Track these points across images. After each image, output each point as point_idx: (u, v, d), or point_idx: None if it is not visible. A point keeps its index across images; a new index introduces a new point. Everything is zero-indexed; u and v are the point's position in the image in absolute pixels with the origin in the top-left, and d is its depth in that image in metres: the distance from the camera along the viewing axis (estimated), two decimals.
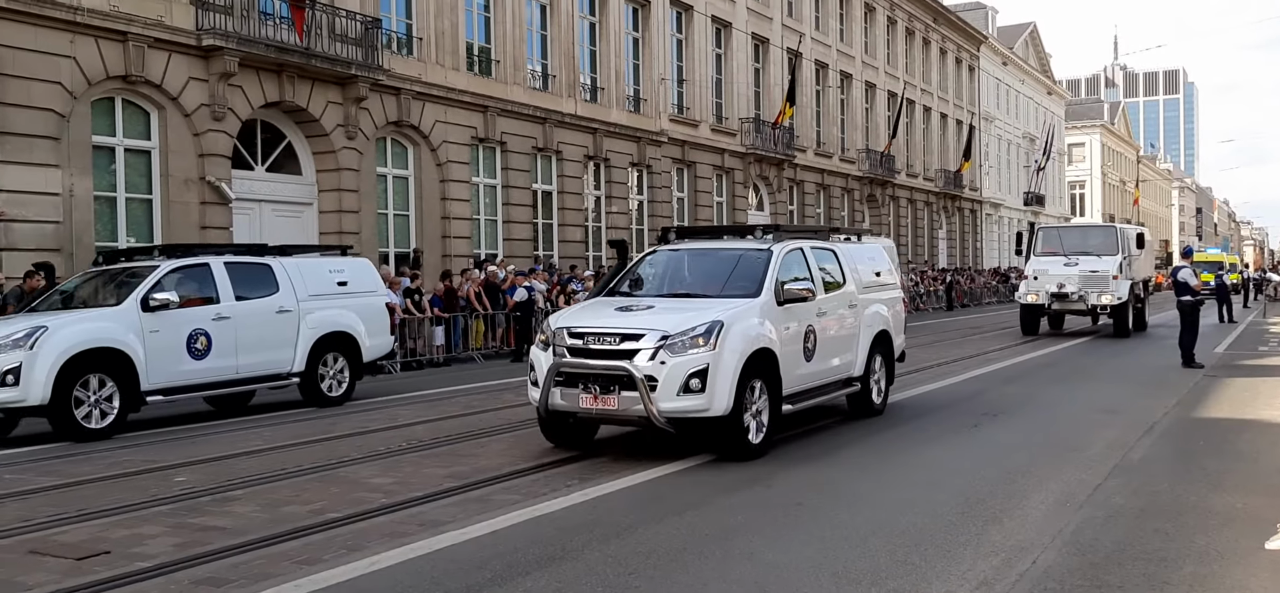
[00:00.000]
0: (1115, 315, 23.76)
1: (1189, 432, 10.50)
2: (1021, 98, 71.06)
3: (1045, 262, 24.30)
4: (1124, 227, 26.27)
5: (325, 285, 14.26)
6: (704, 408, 8.60)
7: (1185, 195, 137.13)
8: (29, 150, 16.98)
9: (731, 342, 8.74)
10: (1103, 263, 23.59)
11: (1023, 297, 24.45)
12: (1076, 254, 23.96)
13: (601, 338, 8.86)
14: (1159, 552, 6.05)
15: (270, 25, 20.58)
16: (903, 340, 12.86)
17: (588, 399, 8.74)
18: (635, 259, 11.39)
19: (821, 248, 11.30)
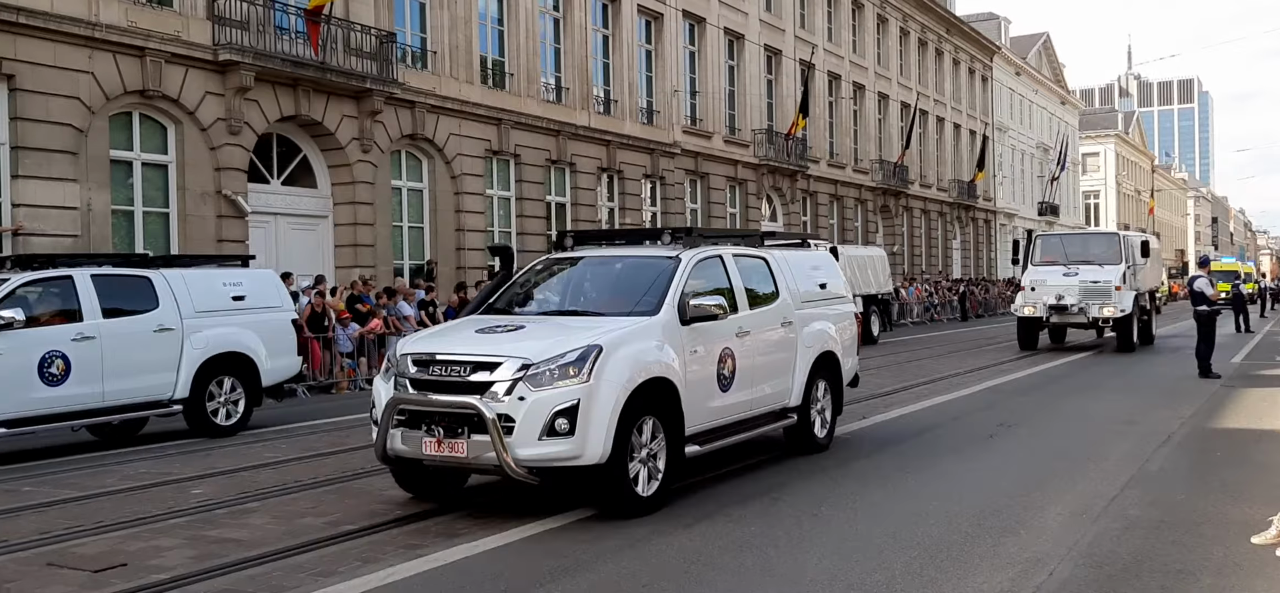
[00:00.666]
0: (1119, 329, 22.22)
1: (1206, 443, 10.43)
2: (1035, 108, 70.87)
3: (1043, 271, 22.83)
4: (1127, 233, 24.86)
5: (217, 301, 12.65)
6: (573, 455, 7.00)
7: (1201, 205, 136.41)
8: (47, 165, 17.11)
9: (612, 371, 7.20)
10: (1104, 273, 22.01)
11: (1019, 309, 23.12)
12: (1077, 263, 22.62)
13: (450, 368, 7.31)
14: (1176, 564, 6.02)
15: (286, 40, 20.70)
16: (854, 363, 11.16)
17: (432, 444, 7.15)
18: (522, 270, 9.66)
19: (748, 255, 9.77)
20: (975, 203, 57.45)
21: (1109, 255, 22.65)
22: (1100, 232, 26.85)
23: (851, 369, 11.05)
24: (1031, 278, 22.91)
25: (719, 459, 9.38)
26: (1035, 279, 22.70)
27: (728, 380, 8.57)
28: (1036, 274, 22.85)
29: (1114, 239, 23.76)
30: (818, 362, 10.05)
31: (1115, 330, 22.31)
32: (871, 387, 15.94)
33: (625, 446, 7.27)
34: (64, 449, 11.66)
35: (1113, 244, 23.24)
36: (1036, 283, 22.59)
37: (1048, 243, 24.50)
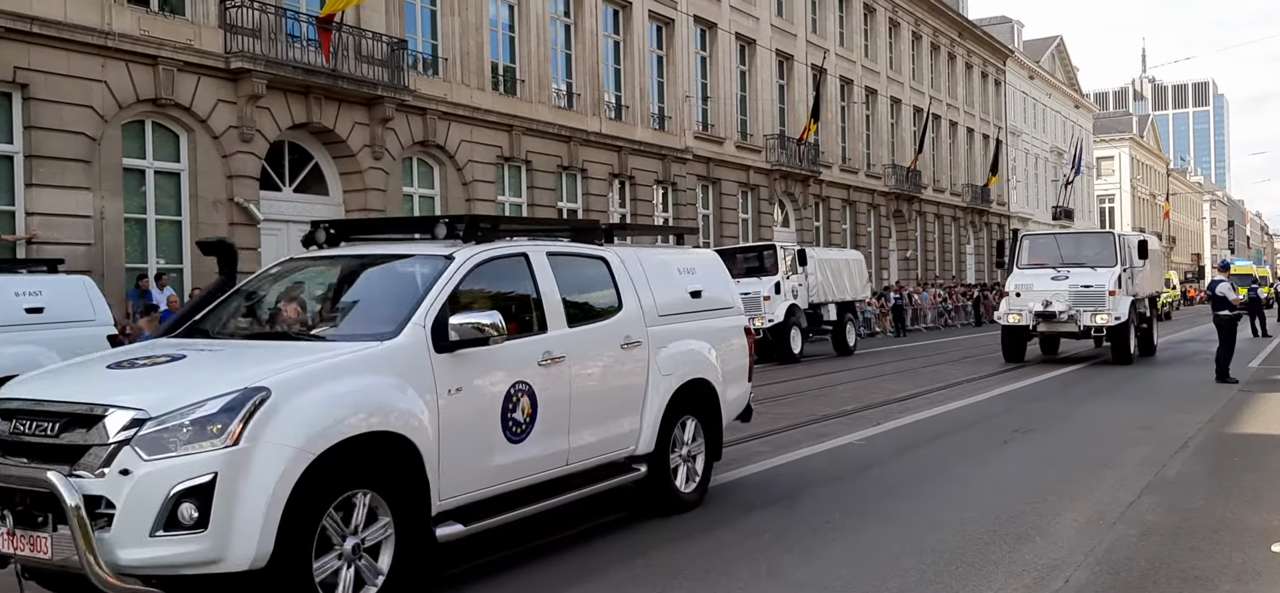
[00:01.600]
0: (1113, 338, 20.20)
1: (1224, 448, 10.34)
2: (1049, 112, 70.65)
3: (1030, 275, 20.90)
4: (1124, 233, 22.94)
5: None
6: (207, 558, 4.70)
7: (1217, 208, 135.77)
8: (61, 174, 17.18)
9: (281, 428, 4.88)
10: (1098, 276, 20.08)
11: (1003, 317, 21.12)
12: (1067, 266, 20.66)
13: (35, 422, 5.02)
14: (1194, 570, 5.95)
15: (297, 48, 20.76)
16: (744, 392, 8.70)
17: (3, 537, 4.90)
18: (256, 274, 7.37)
19: (572, 255, 7.29)
20: (989, 207, 57.27)
21: (1103, 257, 20.68)
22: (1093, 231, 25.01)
23: (739, 400, 8.61)
24: (1017, 282, 21.03)
25: (734, 462, 9.32)
26: (1021, 283, 20.84)
27: (523, 427, 6.24)
28: (1023, 278, 21.01)
29: (1108, 239, 21.72)
30: (682, 393, 7.65)
31: (1110, 341, 20.35)
32: (886, 391, 15.89)
33: (306, 541, 4.94)
34: None
35: (1107, 245, 21.21)
36: (1022, 287, 20.73)
37: (1036, 244, 22.44)
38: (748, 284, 21.73)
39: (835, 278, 26.33)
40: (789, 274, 23.72)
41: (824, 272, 25.71)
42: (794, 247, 24.92)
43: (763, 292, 22.72)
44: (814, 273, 24.90)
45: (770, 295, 22.92)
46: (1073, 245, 22.07)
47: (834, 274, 26.38)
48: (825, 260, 26.63)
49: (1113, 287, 19.91)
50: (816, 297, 25.13)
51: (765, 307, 22.63)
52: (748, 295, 21.12)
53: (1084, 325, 20.02)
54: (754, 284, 22.53)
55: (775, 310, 22.94)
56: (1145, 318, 22.41)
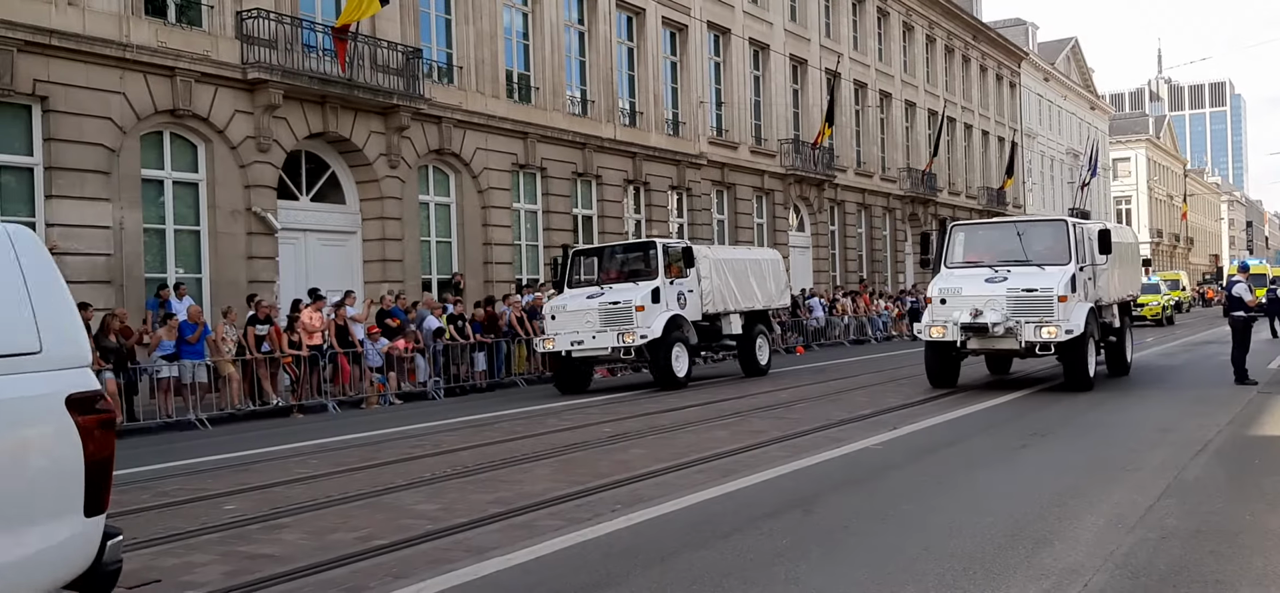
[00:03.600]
0: (1065, 357, 15.69)
1: (1244, 451, 10.28)
2: (1064, 113, 70.38)
3: (960, 276, 16.40)
4: (1080, 222, 17.66)
5: None
6: None
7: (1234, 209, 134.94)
8: (80, 185, 17.33)
9: None
10: (1045, 277, 15.54)
11: (924, 331, 16.19)
12: (1007, 264, 16.11)
13: None
14: (1214, 574, 5.92)
15: (314, 58, 20.90)
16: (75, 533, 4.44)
17: None
18: None
19: None
20: (1005, 210, 57.05)
21: (1052, 252, 16.16)
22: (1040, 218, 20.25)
23: None
24: (942, 285, 16.30)
25: (749, 468, 9.35)
26: (947, 287, 16.18)
27: None
28: (950, 280, 16.39)
29: (1059, 230, 16.64)
30: None
31: (1060, 359, 15.97)
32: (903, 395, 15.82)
33: None
34: None
35: (1058, 236, 16.42)
36: (948, 292, 16.02)
37: (970, 236, 17.71)
38: (618, 291, 19.11)
39: (740, 282, 21.78)
40: (672, 278, 19.50)
41: (723, 274, 21.22)
42: (680, 244, 20.97)
43: (634, 301, 18.71)
44: (709, 276, 20.61)
45: (645, 305, 18.66)
46: (1015, 237, 17.05)
47: (738, 277, 21.77)
48: (725, 261, 21.91)
49: (1063, 290, 15.29)
50: (714, 305, 20.71)
51: (638, 319, 18.54)
52: (614, 306, 18.74)
53: (1026, 341, 15.29)
54: (625, 292, 19.06)
55: (651, 324, 18.61)
56: (1113, 329, 17.94)
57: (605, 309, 18.88)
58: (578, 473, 9.77)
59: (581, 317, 18.98)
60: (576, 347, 18.87)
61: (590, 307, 18.98)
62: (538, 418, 15.03)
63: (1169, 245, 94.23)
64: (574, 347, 18.87)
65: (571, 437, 12.61)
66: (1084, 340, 15.50)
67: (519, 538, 7.21)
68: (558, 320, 19.24)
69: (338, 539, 7.43)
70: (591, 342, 18.82)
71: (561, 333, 19.02)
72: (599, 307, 18.92)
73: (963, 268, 16.67)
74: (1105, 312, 17.46)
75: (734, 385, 19.54)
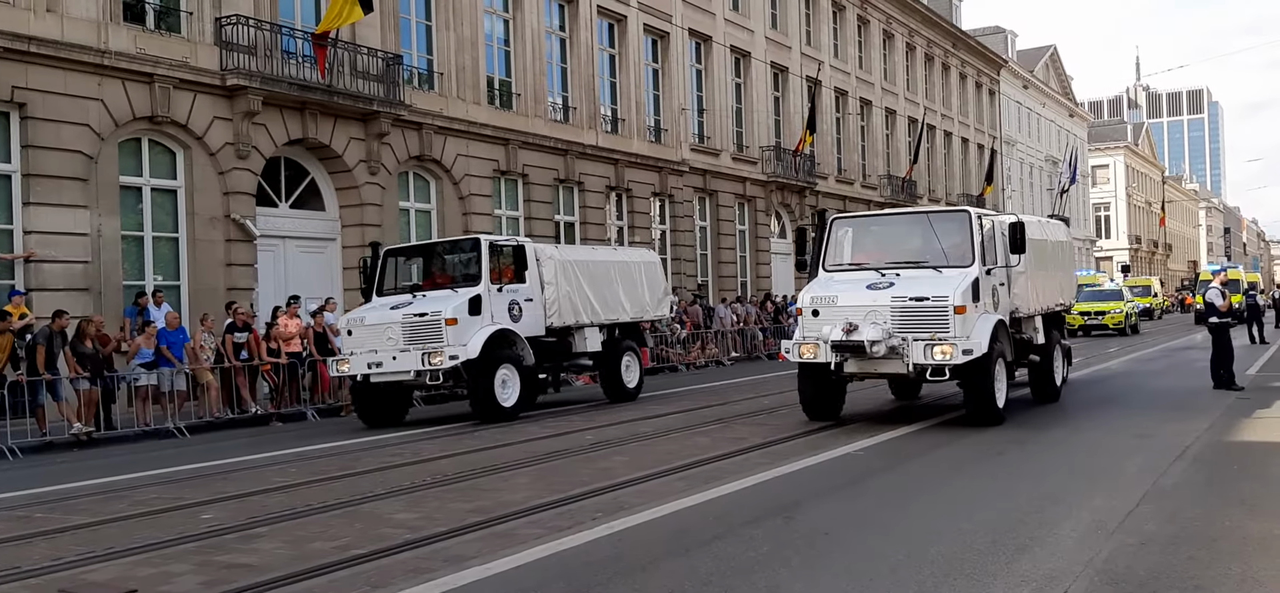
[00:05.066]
0: (966, 383, 12.54)
1: (1222, 456, 10.34)
2: (1043, 121, 70.83)
3: (840, 281, 13.32)
4: (986, 213, 14.22)
5: None
6: None
7: (1212, 215, 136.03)
8: (58, 192, 17.19)
9: None
10: (939, 283, 12.49)
11: (792, 349, 12.94)
12: (897, 265, 13.16)
13: None
14: (1193, 580, 5.95)
15: (293, 64, 20.81)
16: None
17: None
18: None
19: None
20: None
21: (953, 251, 13.07)
22: (936, 211, 16.72)
23: None
24: (815, 293, 13.14)
25: (733, 473, 9.35)
26: (822, 295, 12.98)
27: None
28: (826, 287, 13.27)
29: (961, 223, 13.33)
30: None
31: (961, 386, 12.80)
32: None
33: None
34: (75, 474, 11.66)
35: (959, 232, 13.20)
36: (822, 302, 12.86)
37: (855, 231, 14.48)
38: (429, 301, 15.58)
39: (601, 289, 18.18)
40: (501, 284, 16.03)
41: (574, 280, 17.55)
42: (512, 241, 17.16)
43: (443, 313, 15.06)
44: (554, 282, 17.05)
45: (458, 318, 15.10)
46: (909, 233, 14.09)
47: (598, 283, 18.14)
48: (579, 264, 17.99)
49: (961, 299, 12.22)
50: (563, 317, 17.22)
51: (448, 335, 14.95)
52: (419, 319, 15.13)
53: (915, 364, 12.20)
54: (436, 301, 15.50)
55: (466, 341, 15.04)
56: (1034, 346, 14.93)
57: (409, 323, 15.20)
58: (557, 481, 9.73)
59: (381, 332, 15.33)
60: (375, 370, 15.22)
61: (392, 320, 15.35)
62: (516, 426, 14.86)
63: (1147, 252, 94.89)
64: (372, 369, 15.24)
65: (551, 444, 12.58)
66: (989, 362, 12.29)
67: (498, 547, 7.18)
68: (355, 337, 15.65)
69: (316, 549, 7.38)
70: (391, 364, 15.11)
71: (358, 352, 15.43)
72: (402, 320, 15.25)
73: (845, 271, 13.59)
74: (1025, 325, 14.54)
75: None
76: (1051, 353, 15.35)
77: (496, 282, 15.97)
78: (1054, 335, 15.68)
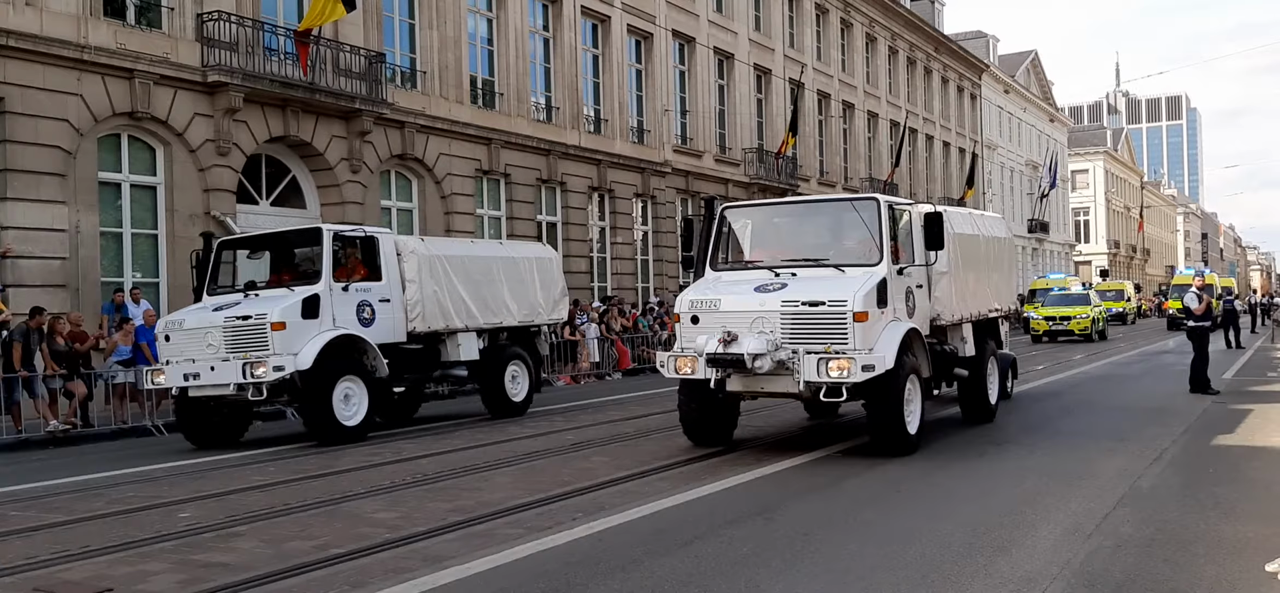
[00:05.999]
0: (869, 404, 10.66)
1: (1198, 459, 10.43)
2: (1024, 125, 71.20)
3: (727, 282, 11.29)
4: (901, 203, 12.07)
5: None
6: None
7: (1190, 221, 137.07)
8: (36, 187, 17.06)
9: None
10: (837, 284, 10.55)
11: (665, 365, 11.06)
12: (796, 264, 11.20)
13: None
14: (1169, 582, 6.00)
15: (275, 61, 20.71)
16: None
17: None
18: None
19: None
20: None
21: (854, 248, 11.18)
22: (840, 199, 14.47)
23: None
24: (695, 296, 11.10)
25: (713, 474, 9.37)
26: (703, 299, 10.97)
27: None
28: (709, 289, 11.26)
29: (868, 213, 11.16)
30: None
31: (865, 406, 10.80)
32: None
33: None
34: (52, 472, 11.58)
35: (866, 224, 11.13)
36: (703, 306, 10.88)
37: (749, 223, 12.38)
38: (259, 301, 13.43)
39: (479, 289, 15.96)
40: (348, 283, 13.86)
41: (445, 278, 15.30)
42: (361, 232, 14.74)
43: (269, 316, 12.89)
44: (417, 280, 14.78)
45: (286, 321, 12.91)
46: (806, 225, 12.32)
47: (475, 283, 15.90)
48: (451, 259, 15.68)
49: (863, 305, 10.24)
50: (430, 320, 15.00)
51: (275, 342, 12.79)
52: (242, 323, 12.95)
53: (806, 381, 10.25)
54: (264, 301, 13.39)
55: (297, 349, 12.92)
56: (961, 359, 12.85)
57: (230, 328, 13.03)
58: (538, 481, 9.72)
59: (200, 338, 13.23)
60: (192, 382, 13.16)
61: (212, 324, 13.19)
62: (499, 426, 14.81)
63: (1126, 257, 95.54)
64: (190, 382, 13.18)
65: (533, 444, 12.56)
66: (896, 379, 10.34)
67: (478, 547, 7.16)
68: (172, 343, 13.52)
69: (294, 548, 7.35)
70: (209, 375, 12.98)
71: (175, 361, 13.34)
72: (223, 324, 13.08)
73: (736, 270, 11.60)
74: (950, 335, 12.71)
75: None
76: (984, 367, 13.47)
77: (344, 279, 13.82)
78: (989, 346, 13.86)
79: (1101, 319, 39.60)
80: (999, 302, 14.51)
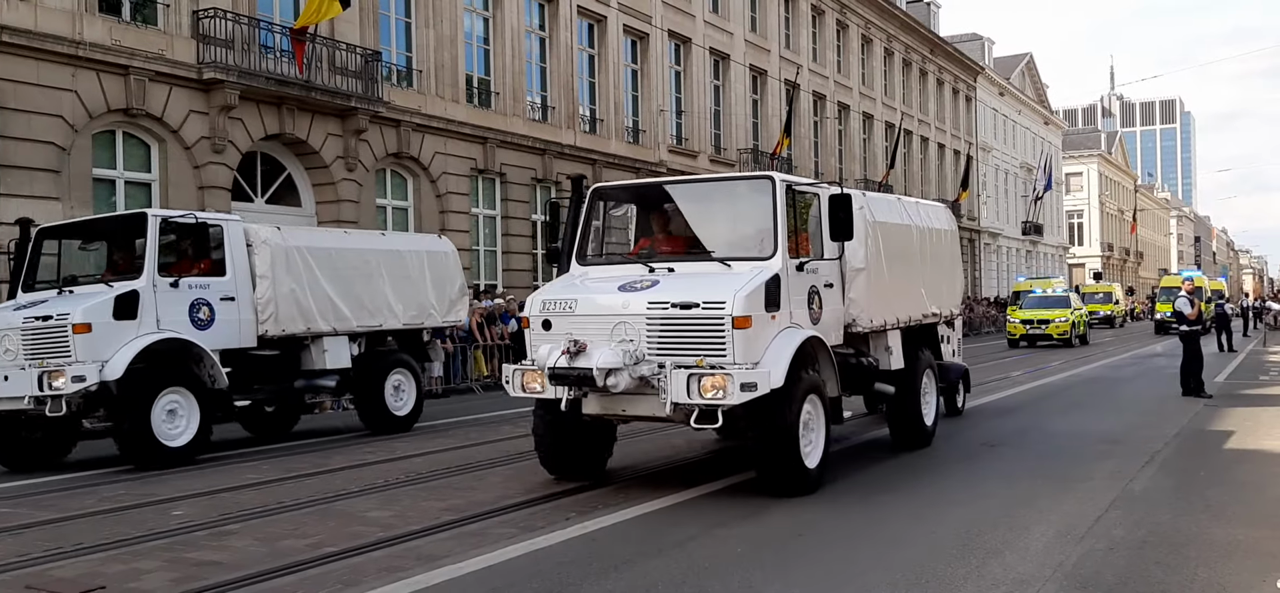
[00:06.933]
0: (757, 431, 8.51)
1: (1191, 462, 10.45)
2: (1018, 128, 71.30)
3: (593, 278, 9.39)
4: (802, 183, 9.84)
5: None
6: None
7: (1183, 224, 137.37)
8: (30, 183, 17.01)
9: None
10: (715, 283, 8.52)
11: (510, 380, 8.99)
12: (673, 258, 9.30)
13: None
14: (1161, 584, 6.01)
15: (271, 58, 20.68)
16: None
17: None
18: None
19: None
20: (959, 222, 57.62)
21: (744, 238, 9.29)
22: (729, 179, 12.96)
23: None
24: (552, 295, 9.07)
25: (706, 476, 9.38)
26: (557, 298, 8.96)
27: None
28: (567, 287, 9.27)
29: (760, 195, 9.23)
30: None
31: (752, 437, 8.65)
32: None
33: None
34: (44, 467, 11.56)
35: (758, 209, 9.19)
36: (558, 307, 8.86)
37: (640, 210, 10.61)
38: (66, 299, 11.57)
39: (350, 286, 13.88)
40: (179, 279, 11.85)
41: (306, 273, 13.21)
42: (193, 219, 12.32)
43: (72, 317, 11.09)
44: (269, 275, 12.69)
45: (91, 323, 11.12)
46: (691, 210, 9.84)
47: (343, 279, 13.79)
48: (311, 250, 13.50)
49: (745, 308, 8.22)
50: (281, 321, 12.86)
51: (78, 347, 11.10)
52: (42, 325, 11.20)
53: (675, 402, 8.16)
54: (72, 300, 11.51)
55: (107, 355, 11.17)
56: (881, 373, 10.73)
57: (30, 331, 11.20)
58: (531, 480, 9.71)
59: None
60: None
61: (10, 326, 11.41)
62: (492, 425, 14.75)
63: (1119, 259, 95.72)
64: None
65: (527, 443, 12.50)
66: (787, 401, 8.37)
67: (471, 546, 7.16)
68: None
69: (288, 546, 7.34)
70: (4, 386, 11.13)
71: None
72: (22, 325, 11.27)
73: (606, 264, 9.67)
74: (872, 344, 10.64)
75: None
76: (916, 382, 11.32)
77: (175, 274, 11.86)
78: (923, 357, 11.69)
79: (1082, 323, 37.87)
80: (938, 304, 12.34)
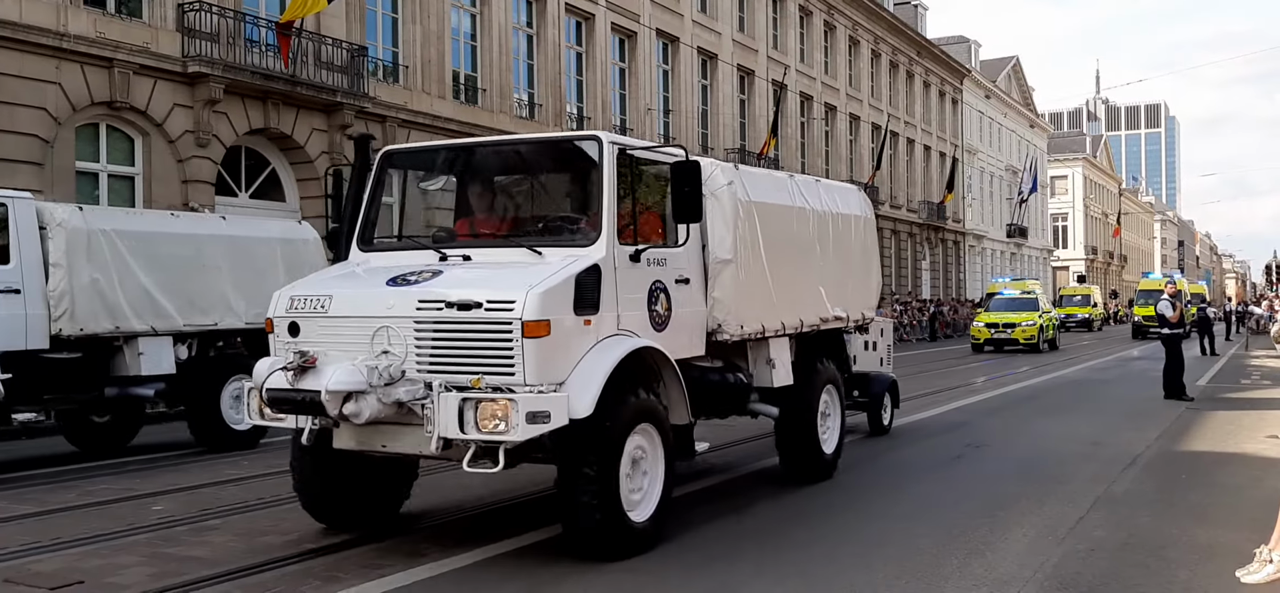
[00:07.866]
0: (562, 473, 6.53)
1: (1171, 465, 10.51)
2: (1004, 131, 71.58)
3: (373, 266, 7.25)
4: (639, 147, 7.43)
5: None
6: None
7: (1167, 228, 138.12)
8: (11, 176, 16.85)
9: None
10: (510, 278, 6.44)
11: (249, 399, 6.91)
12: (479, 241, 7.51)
13: None
14: (1140, 586, 6.04)
15: (256, 52, 20.57)
16: None
17: None
18: None
19: None
20: (944, 224, 57.85)
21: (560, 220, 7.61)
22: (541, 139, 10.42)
23: None
24: (305, 290, 7.01)
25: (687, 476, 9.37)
26: (308, 295, 6.87)
27: None
28: (328, 280, 7.36)
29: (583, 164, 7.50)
30: None
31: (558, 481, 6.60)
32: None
33: None
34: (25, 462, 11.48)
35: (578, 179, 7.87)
36: (309, 306, 6.79)
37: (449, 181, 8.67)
38: None
39: (174, 277, 11.87)
40: None
41: (113, 262, 11.24)
42: None
43: None
44: (63, 264, 10.78)
45: None
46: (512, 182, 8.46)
47: (164, 268, 11.79)
48: (123, 235, 11.49)
49: (540, 310, 6.21)
50: (80, 318, 10.92)
51: None
52: None
53: (444, 437, 6.08)
54: None
55: None
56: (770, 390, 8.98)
57: None
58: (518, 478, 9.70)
59: None
60: None
61: None
62: None
63: (1103, 262, 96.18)
64: None
65: None
66: (601, 436, 6.49)
67: (452, 547, 7.14)
68: None
69: (268, 542, 7.31)
70: None
71: None
72: None
73: (393, 250, 7.59)
74: (751, 356, 8.82)
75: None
76: (811, 401, 9.33)
77: None
78: (824, 370, 9.72)
79: (1051, 327, 35.03)
80: (844, 306, 10.13)
